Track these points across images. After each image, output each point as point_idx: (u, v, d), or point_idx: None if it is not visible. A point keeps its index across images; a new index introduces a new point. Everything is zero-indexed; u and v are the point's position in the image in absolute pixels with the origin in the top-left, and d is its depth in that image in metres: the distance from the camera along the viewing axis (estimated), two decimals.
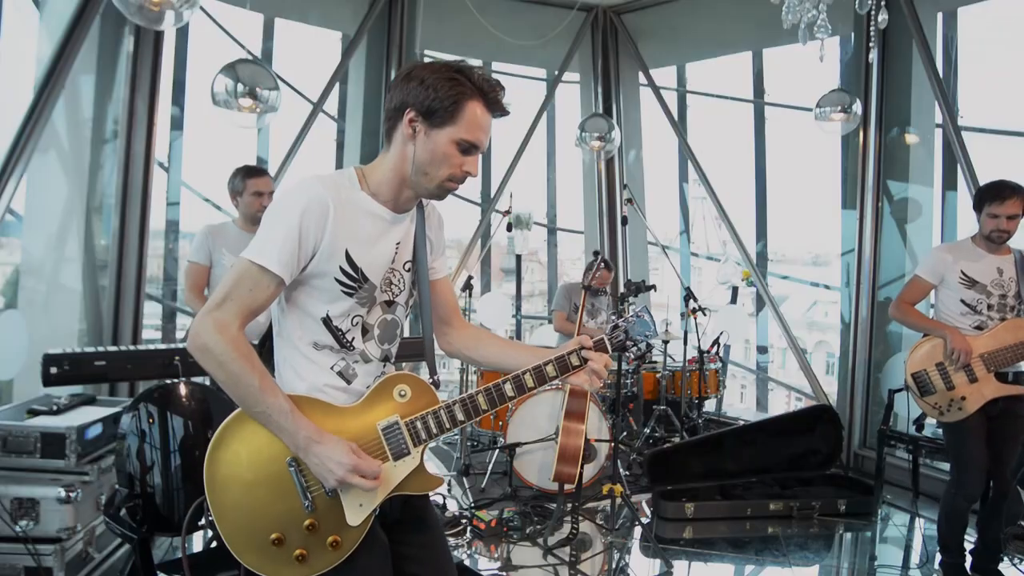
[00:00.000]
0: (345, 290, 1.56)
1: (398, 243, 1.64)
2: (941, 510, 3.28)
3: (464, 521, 3.87)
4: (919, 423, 4.16)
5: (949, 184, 5.24)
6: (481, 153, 1.60)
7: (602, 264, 4.39)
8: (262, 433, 1.51)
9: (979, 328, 3.15)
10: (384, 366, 1.69)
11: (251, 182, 3.39)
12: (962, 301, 3.16)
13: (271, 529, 1.51)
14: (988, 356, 3.10)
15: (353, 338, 1.60)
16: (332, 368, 1.59)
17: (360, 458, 1.50)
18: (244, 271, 1.48)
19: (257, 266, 1.47)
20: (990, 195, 3.11)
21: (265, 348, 1.68)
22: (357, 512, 1.55)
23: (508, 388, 1.64)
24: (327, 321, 1.57)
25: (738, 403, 9.20)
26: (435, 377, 1.70)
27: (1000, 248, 3.17)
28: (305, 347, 1.58)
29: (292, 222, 1.48)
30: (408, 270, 1.69)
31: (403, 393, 1.62)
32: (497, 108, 1.58)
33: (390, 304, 1.66)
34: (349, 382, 1.61)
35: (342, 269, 1.54)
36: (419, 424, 1.60)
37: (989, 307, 3.14)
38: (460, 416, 1.62)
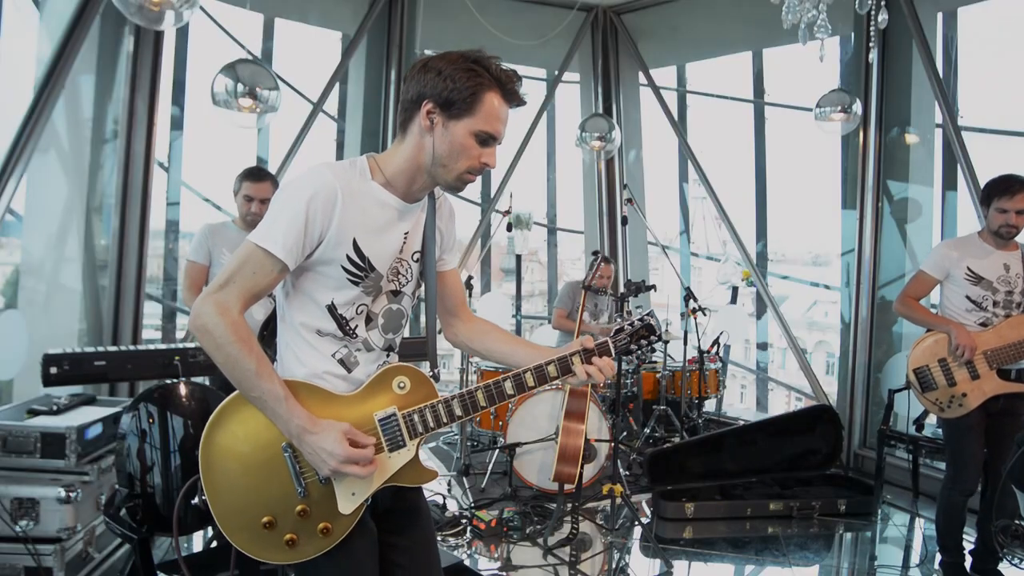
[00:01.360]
0: (351, 279, 1.56)
1: (407, 233, 1.64)
2: (938, 507, 3.28)
3: (464, 521, 3.87)
4: (919, 423, 4.16)
5: (949, 184, 5.24)
6: (499, 144, 1.60)
7: (601, 262, 4.38)
8: (259, 417, 1.51)
9: (984, 325, 3.12)
10: (387, 355, 1.68)
11: (245, 184, 3.37)
12: (967, 297, 3.13)
13: (263, 512, 1.52)
14: (991, 353, 3.08)
15: (356, 326, 1.60)
16: (333, 355, 1.59)
17: (355, 440, 1.50)
18: (249, 254, 1.48)
19: (262, 250, 1.47)
20: (999, 189, 3.06)
21: (268, 331, 1.68)
22: (349, 500, 1.55)
23: (508, 386, 1.64)
24: (332, 309, 1.57)
25: (738, 403, 9.20)
26: (435, 370, 1.70)
27: (1007, 244, 3.14)
28: (308, 333, 1.58)
29: (299, 208, 1.47)
30: (416, 260, 1.69)
31: (402, 385, 1.62)
32: (514, 98, 1.58)
33: (396, 294, 1.66)
34: (350, 370, 1.61)
35: (349, 258, 1.54)
36: (416, 417, 1.60)
37: (995, 304, 3.11)
38: (458, 411, 1.62)
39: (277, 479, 1.52)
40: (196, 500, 1.54)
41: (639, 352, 1.77)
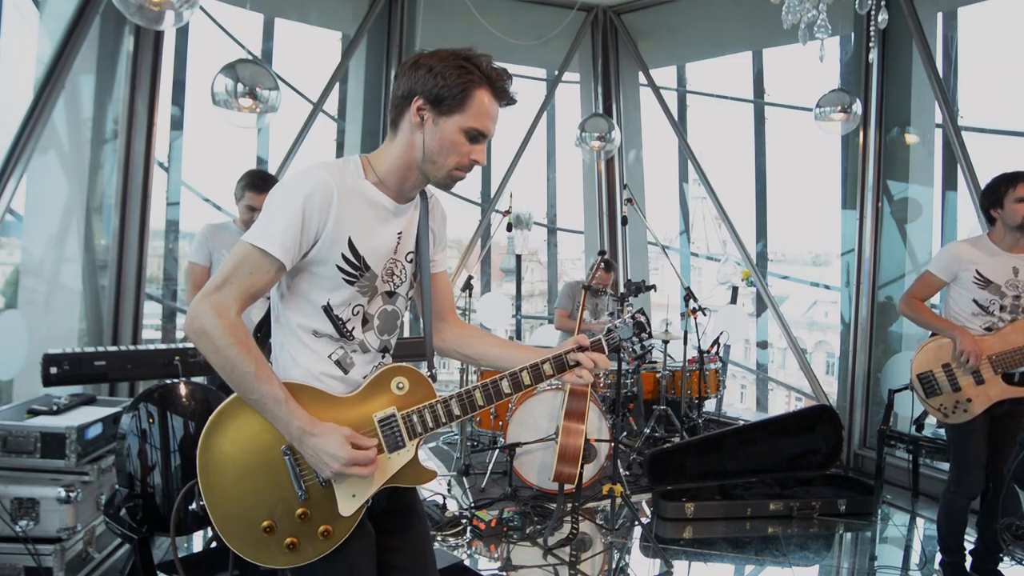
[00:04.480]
0: (347, 278, 1.56)
1: (400, 233, 1.64)
2: (941, 508, 3.27)
3: (464, 521, 3.87)
4: (919, 423, 4.15)
5: (949, 184, 5.24)
6: (488, 141, 1.60)
7: (602, 264, 4.38)
8: (257, 420, 1.51)
9: (989, 329, 3.08)
10: (382, 357, 1.68)
11: (247, 195, 3.35)
12: (974, 301, 3.08)
13: (263, 516, 1.51)
14: (996, 358, 3.04)
15: (353, 327, 1.60)
16: (330, 357, 1.59)
17: (357, 443, 1.50)
18: (245, 254, 1.47)
19: (258, 250, 1.46)
20: (1007, 182, 3.01)
21: (261, 333, 1.68)
22: (350, 502, 1.55)
23: (505, 385, 1.65)
24: (328, 309, 1.57)
25: (738, 403, 9.22)
26: (432, 371, 1.70)
27: (1016, 246, 3.08)
28: (304, 334, 1.57)
29: (295, 207, 1.47)
30: (410, 261, 1.69)
31: (401, 386, 1.62)
32: (504, 97, 1.58)
33: (391, 295, 1.66)
34: (346, 371, 1.61)
35: (344, 256, 1.54)
36: (415, 417, 1.60)
37: (1002, 308, 3.07)
38: (457, 411, 1.62)
39: (277, 482, 1.52)
40: (194, 505, 1.53)
41: (632, 349, 1.79)
